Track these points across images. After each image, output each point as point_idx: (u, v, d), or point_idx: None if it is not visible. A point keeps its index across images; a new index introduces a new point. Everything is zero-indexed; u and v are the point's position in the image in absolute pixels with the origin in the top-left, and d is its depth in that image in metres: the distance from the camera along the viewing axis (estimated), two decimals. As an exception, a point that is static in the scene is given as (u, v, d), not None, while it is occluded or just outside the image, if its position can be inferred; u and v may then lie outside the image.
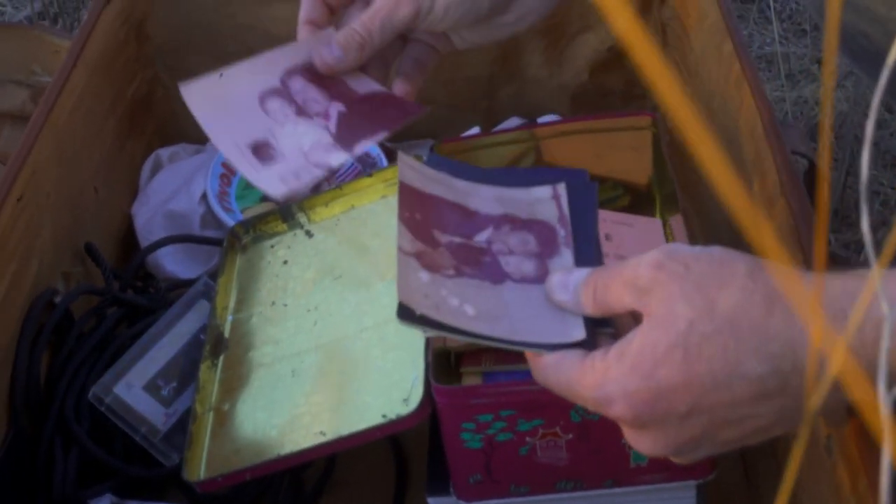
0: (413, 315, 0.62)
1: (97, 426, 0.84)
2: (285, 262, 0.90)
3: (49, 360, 0.87)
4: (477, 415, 0.69)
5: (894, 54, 0.26)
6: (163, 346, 0.86)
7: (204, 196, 1.09)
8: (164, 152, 1.16)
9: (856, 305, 0.52)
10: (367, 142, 0.76)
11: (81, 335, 0.89)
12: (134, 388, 0.83)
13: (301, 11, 0.80)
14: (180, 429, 0.83)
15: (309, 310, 0.85)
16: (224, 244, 0.93)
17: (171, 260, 1.04)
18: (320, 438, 0.74)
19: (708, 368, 0.53)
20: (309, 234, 0.91)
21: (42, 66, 1.25)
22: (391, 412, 0.72)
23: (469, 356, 0.73)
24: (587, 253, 0.70)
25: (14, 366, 0.83)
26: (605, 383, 0.56)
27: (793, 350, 0.52)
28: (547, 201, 0.74)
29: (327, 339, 0.81)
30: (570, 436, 0.70)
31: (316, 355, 0.81)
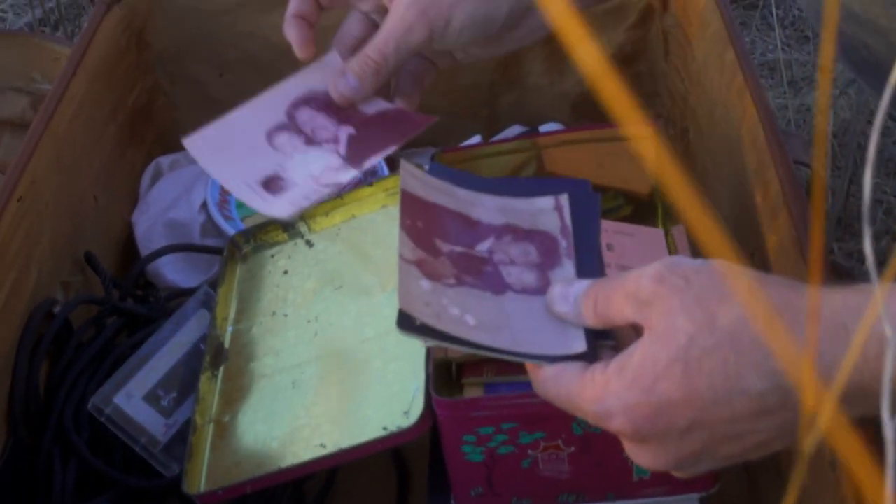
0: (413, 324, 0.62)
1: (96, 436, 0.83)
2: (286, 272, 0.90)
3: (48, 370, 0.86)
4: (478, 427, 0.69)
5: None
6: (163, 356, 0.86)
7: (204, 204, 1.09)
8: (165, 160, 1.16)
9: (857, 320, 0.51)
10: (376, 156, 0.75)
11: (81, 345, 0.88)
12: (134, 399, 0.83)
13: (290, 5, 0.78)
14: (180, 439, 0.83)
15: (309, 320, 0.84)
16: (224, 253, 0.93)
17: (172, 269, 1.04)
18: (321, 451, 0.73)
19: (708, 383, 0.53)
20: (309, 244, 0.91)
21: (42, 74, 1.25)
22: (392, 424, 0.72)
23: (470, 367, 0.73)
24: (589, 264, 0.69)
25: (13, 375, 0.82)
26: (606, 397, 0.56)
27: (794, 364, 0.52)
28: (549, 212, 0.73)
29: (328, 350, 0.81)
30: (573, 449, 0.70)
31: (316, 366, 0.80)
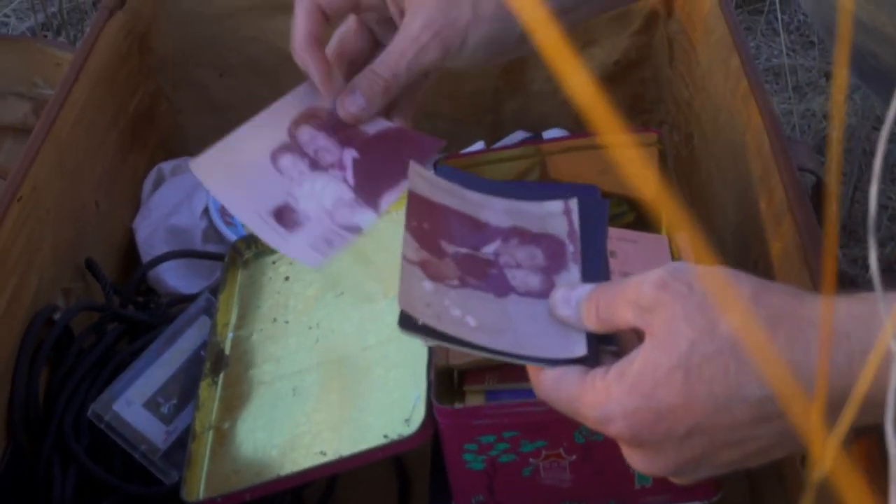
0: (414, 324, 0.61)
1: (96, 443, 0.83)
2: (287, 279, 0.89)
3: (48, 377, 0.86)
4: (479, 436, 0.68)
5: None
6: (163, 363, 0.85)
7: (206, 210, 1.08)
8: (167, 166, 1.16)
9: (860, 329, 0.51)
10: (391, 195, 0.73)
11: (81, 351, 0.88)
12: (134, 406, 0.83)
13: (299, 27, 0.75)
14: (180, 446, 0.82)
15: (310, 327, 0.84)
16: (226, 259, 0.92)
17: (173, 275, 1.04)
18: (321, 459, 0.73)
19: (708, 390, 0.53)
20: (311, 250, 0.90)
21: (44, 79, 1.24)
22: (393, 432, 0.71)
23: (472, 374, 0.72)
24: (595, 269, 0.69)
25: (13, 382, 0.82)
26: (606, 402, 0.56)
27: (795, 373, 0.52)
28: (558, 216, 0.73)
29: (329, 357, 0.80)
30: (574, 457, 0.69)
31: (317, 373, 0.80)
